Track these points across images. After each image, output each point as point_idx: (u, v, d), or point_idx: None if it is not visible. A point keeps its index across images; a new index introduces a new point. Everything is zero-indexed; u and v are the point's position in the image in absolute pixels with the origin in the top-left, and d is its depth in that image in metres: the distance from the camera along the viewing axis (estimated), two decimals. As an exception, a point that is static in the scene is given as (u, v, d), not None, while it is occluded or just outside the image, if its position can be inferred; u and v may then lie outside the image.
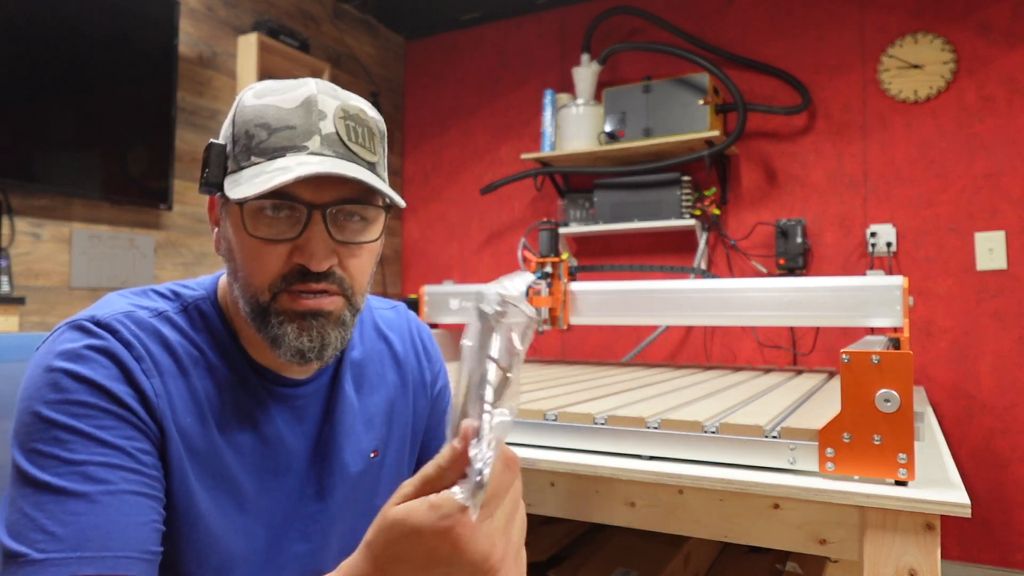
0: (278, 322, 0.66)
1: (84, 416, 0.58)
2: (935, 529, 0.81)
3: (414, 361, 0.88)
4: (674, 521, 0.97)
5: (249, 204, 0.64)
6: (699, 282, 1.94)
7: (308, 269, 0.65)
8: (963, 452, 2.53)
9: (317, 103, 0.66)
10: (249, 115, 0.66)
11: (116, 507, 0.57)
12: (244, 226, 0.65)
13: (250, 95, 0.68)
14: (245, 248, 0.66)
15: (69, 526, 0.55)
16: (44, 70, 2.14)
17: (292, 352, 0.67)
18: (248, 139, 0.65)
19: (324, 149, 0.65)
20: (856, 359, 0.86)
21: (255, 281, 0.66)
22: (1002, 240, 2.51)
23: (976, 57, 2.59)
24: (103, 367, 0.61)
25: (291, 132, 0.65)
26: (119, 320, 0.64)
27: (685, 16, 3.09)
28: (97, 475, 0.57)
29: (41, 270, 2.20)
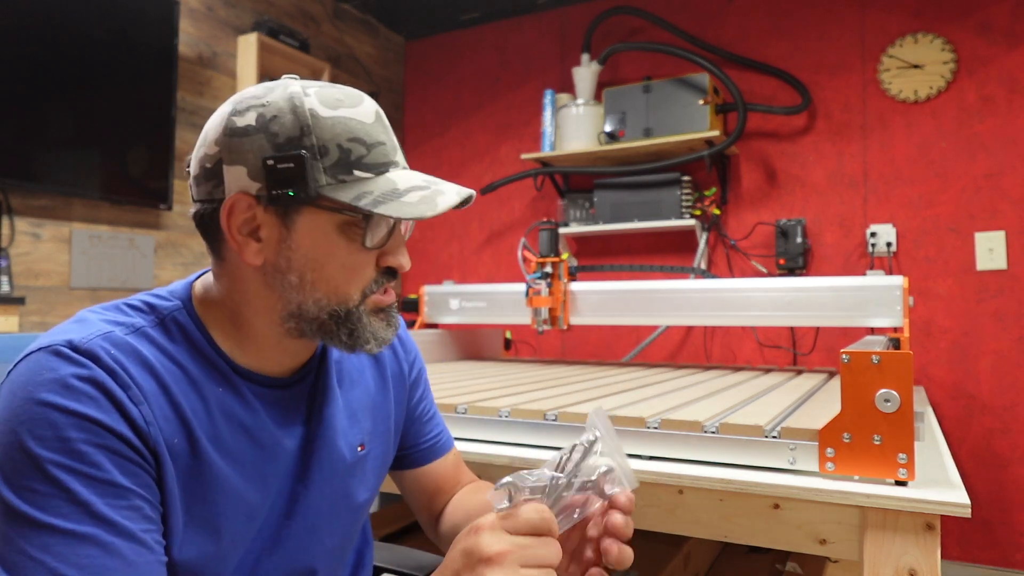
0: (368, 321, 0.71)
1: (79, 455, 0.56)
2: (935, 529, 0.81)
3: (390, 354, 0.91)
4: (674, 521, 0.97)
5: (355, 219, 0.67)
6: (699, 282, 1.93)
7: (394, 270, 0.72)
8: (963, 452, 2.53)
9: (383, 117, 0.71)
10: (335, 128, 0.65)
11: (128, 547, 0.56)
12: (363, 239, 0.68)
13: (319, 104, 0.66)
14: (343, 257, 0.68)
15: (84, 569, 0.54)
16: (44, 70, 2.14)
17: (378, 343, 0.72)
18: (344, 153, 0.65)
19: (403, 162, 0.72)
20: (856, 359, 0.86)
21: (349, 288, 0.69)
22: (1002, 240, 2.51)
23: (976, 57, 2.59)
24: (92, 399, 0.59)
25: (383, 148, 0.68)
26: (99, 345, 0.62)
27: (685, 16, 3.09)
28: (104, 515, 0.56)
29: (41, 270, 2.20)
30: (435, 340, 2.21)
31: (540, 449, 1.09)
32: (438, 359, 2.20)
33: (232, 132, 0.66)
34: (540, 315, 2.03)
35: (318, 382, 0.79)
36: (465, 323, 2.31)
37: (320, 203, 0.65)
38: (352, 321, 0.69)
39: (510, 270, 3.41)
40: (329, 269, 0.68)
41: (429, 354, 2.15)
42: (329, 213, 0.66)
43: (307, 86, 0.68)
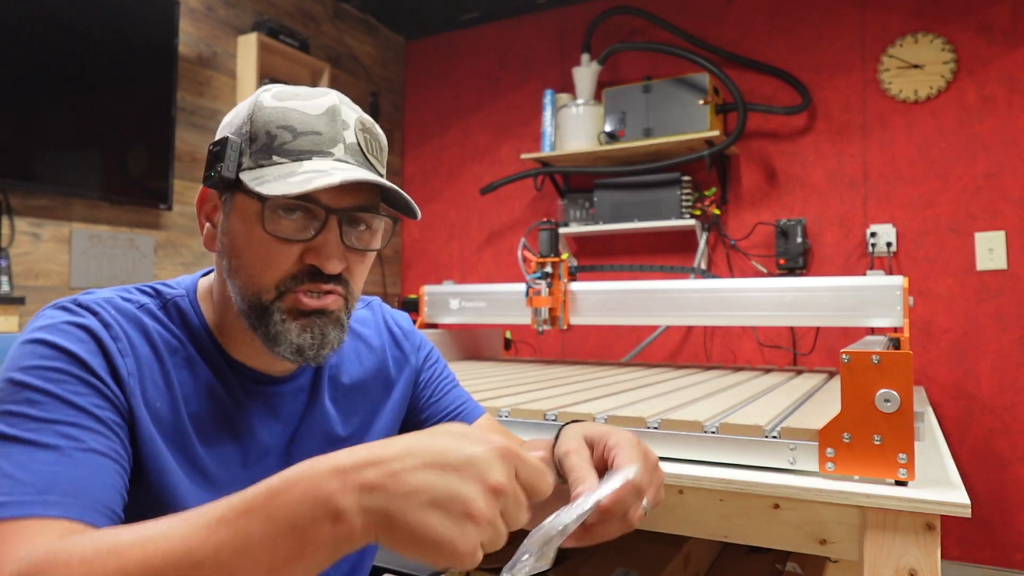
0: (280, 319, 0.67)
1: (57, 381, 0.59)
2: (935, 529, 0.81)
3: (395, 350, 0.89)
4: (674, 521, 0.97)
5: (272, 202, 0.65)
6: (699, 282, 1.93)
7: (319, 270, 0.67)
8: (963, 452, 2.53)
9: (340, 113, 0.69)
10: (271, 116, 0.67)
11: (87, 464, 0.56)
12: (263, 223, 0.66)
13: (269, 97, 0.69)
14: (257, 245, 0.67)
15: (37, 474, 0.54)
16: (44, 70, 2.14)
17: (292, 349, 0.68)
18: (270, 139, 0.66)
19: (347, 157, 0.68)
20: (856, 359, 0.86)
21: (263, 279, 0.67)
22: (1002, 240, 2.51)
23: (976, 57, 2.59)
24: (80, 340, 0.62)
25: (317, 138, 0.67)
26: (100, 304, 0.66)
27: (685, 16, 3.08)
28: (68, 433, 0.57)
29: (41, 270, 2.20)
30: (435, 340, 2.20)
31: (540, 449, 1.09)
32: (438, 359, 2.19)
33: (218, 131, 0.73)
34: (540, 315, 2.03)
35: (313, 388, 0.79)
36: (465, 323, 2.31)
37: (241, 186, 0.67)
38: (267, 317, 0.67)
39: (510, 270, 3.41)
40: (247, 256, 0.68)
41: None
42: (250, 198, 0.66)
43: (280, 86, 0.70)
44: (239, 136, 0.68)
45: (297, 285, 0.67)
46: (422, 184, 3.73)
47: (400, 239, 3.77)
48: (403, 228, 3.77)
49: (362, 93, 3.52)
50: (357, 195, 0.68)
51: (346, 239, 0.68)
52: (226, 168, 0.66)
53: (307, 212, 0.66)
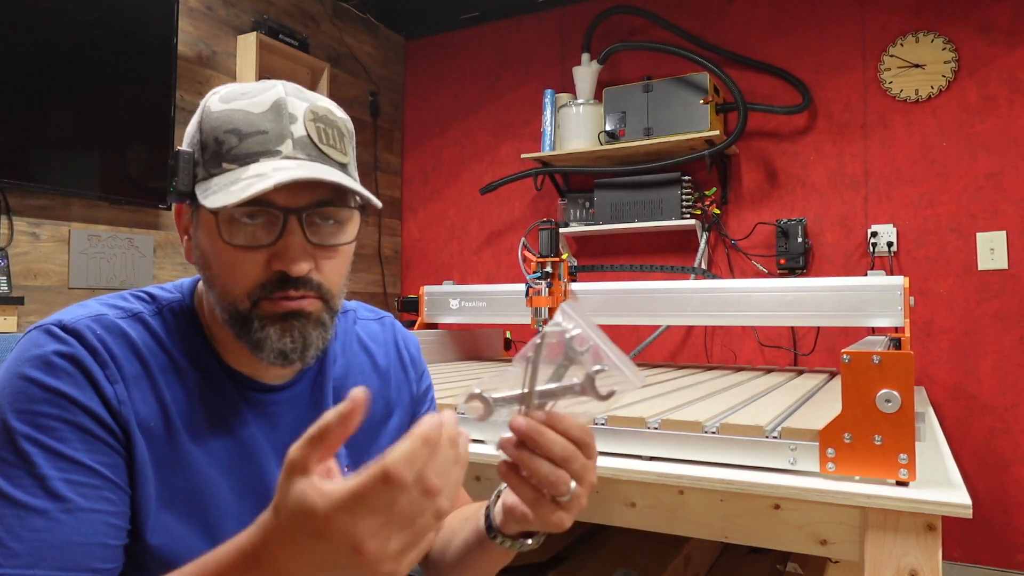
0: (260, 326, 0.66)
1: (48, 429, 0.59)
2: (936, 530, 0.80)
3: (399, 373, 0.88)
4: (674, 521, 0.96)
5: (224, 212, 0.63)
6: (699, 282, 1.93)
7: (288, 275, 0.65)
8: (964, 452, 2.52)
9: (287, 106, 0.66)
10: (217, 121, 0.65)
11: (77, 527, 0.58)
12: (220, 235, 0.64)
13: (216, 100, 0.67)
14: (221, 257, 0.66)
15: (27, 542, 0.56)
16: (43, 69, 2.13)
17: (275, 354, 0.67)
18: (218, 145, 0.65)
19: (297, 153, 0.65)
20: (857, 359, 0.86)
21: (234, 289, 0.66)
22: (1003, 240, 2.51)
23: (977, 56, 2.58)
24: (69, 376, 0.61)
25: (263, 137, 0.64)
26: (85, 324, 0.64)
27: (685, 15, 3.08)
28: (59, 492, 0.58)
29: (40, 270, 2.20)
30: (435, 340, 2.20)
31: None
32: (438, 359, 2.19)
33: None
34: (540, 315, 2.02)
35: (312, 395, 0.78)
36: (465, 323, 2.30)
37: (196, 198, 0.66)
38: (247, 326, 0.66)
39: (510, 270, 3.40)
40: (215, 267, 0.67)
41: (429, 354, 2.15)
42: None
43: (227, 86, 0.69)
44: (192, 146, 0.67)
45: (268, 293, 0.65)
46: (422, 184, 3.73)
47: (400, 239, 3.76)
48: (403, 228, 3.77)
49: (362, 93, 3.52)
50: (316, 191, 0.65)
51: (312, 237, 0.66)
52: (181, 182, 0.65)
53: (268, 216, 0.64)
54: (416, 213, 3.73)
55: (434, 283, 2.54)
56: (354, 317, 0.88)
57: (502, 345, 2.55)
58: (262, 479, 0.72)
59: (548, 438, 0.60)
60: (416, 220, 3.73)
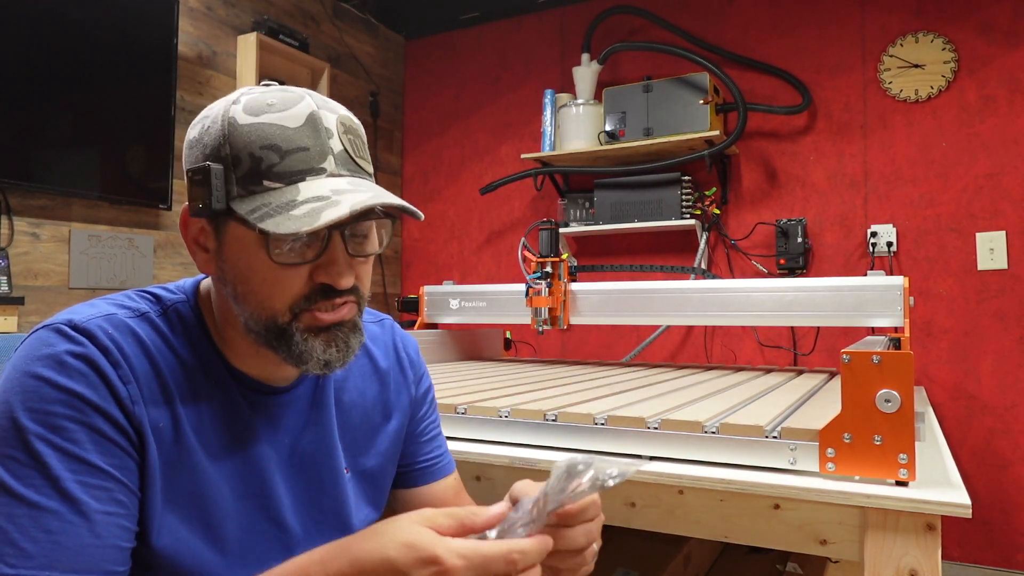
0: (303, 339, 0.66)
1: (60, 429, 0.59)
2: (936, 530, 0.81)
3: (398, 375, 0.88)
4: (674, 521, 0.96)
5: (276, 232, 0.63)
6: (699, 282, 1.93)
7: (332, 287, 0.66)
8: (964, 452, 2.52)
9: (322, 120, 0.66)
10: (250, 135, 0.64)
11: (89, 529, 0.58)
12: (268, 253, 0.64)
13: (241, 112, 0.65)
14: (263, 273, 0.65)
15: (40, 543, 0.56)
16: (43, 69, 2.14)
17: (320, 365, 0.67)
18: (255, 162, 0.63)
19: (340, 169, 0.65)
20: (857, 359, 0.86)
21: (275, 304, 0.66)
22: (1003, 240, 2.51)
23: (977, 57, 2.59)
24: (82, 375, 0.61)
25: (305, 154, 0.64)
26: (97, 324, 0.64)
27: (685, 16, 3.08)
28: (72, 493, 0.58)
29: (40, 270, 2.20)
30: (435, 340, 2.20)
31: (540, 449, 1.08)
32: (438, 359, 2.20)
33: (187, 144, 0.69)
34: (540, 315, 2.03)
35: (314, 396, 0.78)
36: (465, 323, 2.31)
37: (235, 216, 0.64)
38: (287, 338, 0.66)
39: (510, 270, 3.41)
40: (254, 283, 0.66)
41: (429, 354, 2.15)
42: (246, 226, 0.64)
43: (245, 92, 0.67)
44: (219, 160, 0.65)
45: (311, 305, 0.66)
46: (422, 184, 3.73)
47: (400, 239, 3.76)
48: (403, 228, 3.77)
49: (362, 93, 3.52)
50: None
51: (350, 249, 0.67)
52: (216, 200, 0.64)
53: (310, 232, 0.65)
54: (416, 213, 3.72)
55: (434, 283, 2.55)
56: None
57: (502, 345, 2.55)
58: (261, 480, 0.72)
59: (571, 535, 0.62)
60: (416, 220, 3.72)
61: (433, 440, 0.93)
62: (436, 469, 0.92)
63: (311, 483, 0.76)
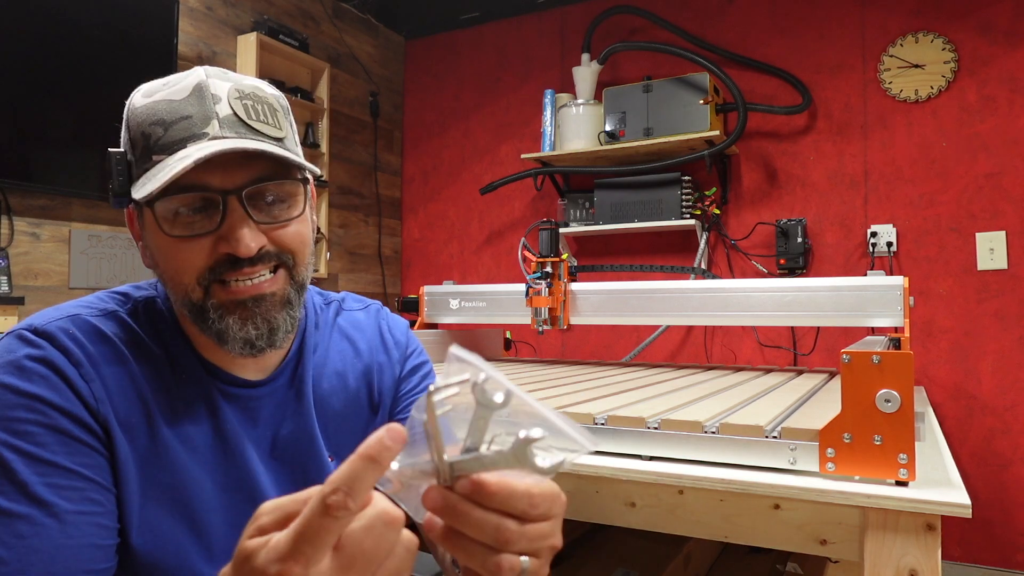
0: (218, 316, 0.65)
1: (25, 434, 0.58)
2: (936, 529, 0.80)
3: (383, 356, 0.85)
4: (674, 521, 0.96)
5: (163, 206, 0.63)
6: (699, 282, 1.93)
7: (236, 256, 0.64)
8: (964, 452, 2.52)
9: (209, 87, 0.65)
10: (142, 116, 0.65)
11: (59, 529, 0.57)
12: (160, 227, 0.63)
13: (139, 96, 0.66)
14: (166, 250, 0.65)
15: (13, 549, 0.55)
16: (43, 69, 2.13)
17: (240, 344, 0.66)
18: (145, 140, 0.64)
19: (225, 132, 0.63)
20: (856, 359, 0.86)
21: (183, 279, 0.65)
22: (1003, 240, 2.51)
23: (977, 57, 2.58)
24: (43, 378, 0.61)
25: (187, 122, 0.63)
26: (57, 326, 0.64)
27: (685, 16, 3.08)
28: (41, 497, 0.57)
29: (40, 270, 2.20)
30: (435, 340, 2.20)
31: (540, 449, 1.08)
32: (438, 359, 2.19)
33: None
34: (540, 315, 2.03)
35: (293, 387, 0.77)
36: (465, 323, 2.31)
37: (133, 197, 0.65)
38: (204, 317, 0.65)
39: (510, 270, 3.41)
40: (163, 262, 0.66)
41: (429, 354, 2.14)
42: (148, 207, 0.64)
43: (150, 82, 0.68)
44: (123, 146, 0.66)
45: (217, 276, 0.64)
46: (422, 184, 3.73)
47: (400, 239, 3.76)
48: (403, 228, 3.77)
49: (362, 93, 3.52)
50: (251, 168, 0.64)
51: (257, 216, 0.64)
52: (117, 185, 0.64)
53: (207, 202, 0.63)
54: (416, 213, 3.73)
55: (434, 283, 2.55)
56: (338, 308, 0.86)
57: (502, 345, 2.55)
58: (245, 474, 0.71)
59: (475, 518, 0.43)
60: (416, 220, 3.73)
61: None
62: None
63: (295, 473, 0.75)
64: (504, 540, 0.43)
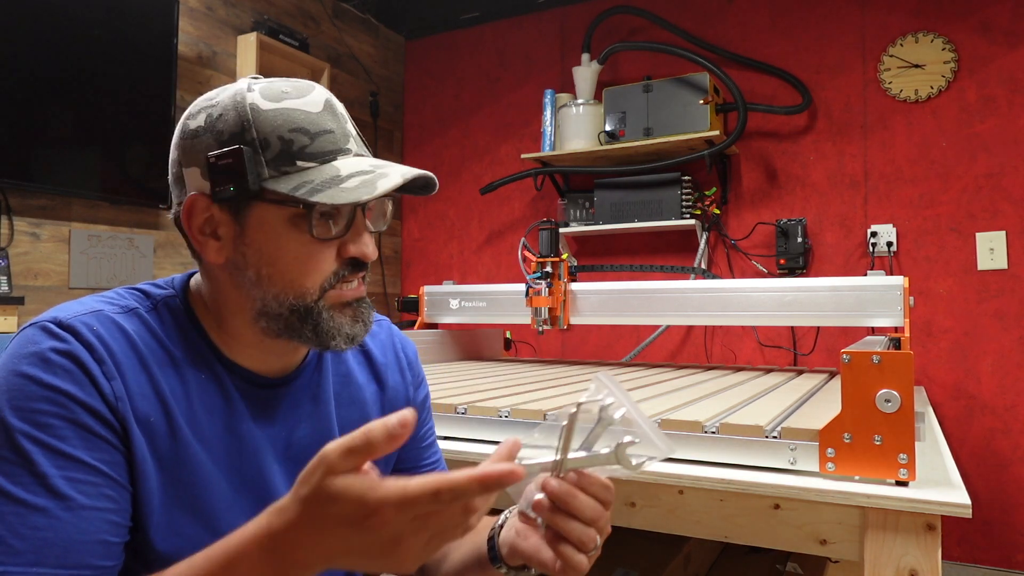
0: (329, 316, 0.69)
1: (46, 427, 0.59)
2: (936, 529, 0.81)
3: (397, 376, 0.88)
4: (674, 521, 0.96)
5: (317, 208, 0.66)
6: (699, 282, 1.93)
7: (359, 261, 0.70)
8: (964, 452, 2.52)
9: (336, 106, 0.70)
10: (276, 119, 0.66)
11: (77, 524, 0.58)
12: (310, 229, 0.66)
13: (260, 98, 0.67)
14: (296, 250, 0.67)
15: (28, 540, 0.56)
16: (43, 69, 2.13)
17: (346, 340, 0.70)
18: (286, 144, 0.65)
19: (361, 149, 0.70)
20: (857, 359, 0.86)
21: (306, 282, 0.68)
22: (1003, 240, 2.51)
23: (977, 57, 2.58)
24: (67, 372, 0.61)
25: (331, 136, 0.67)
26: (82, 321, 0.64)
27: (685, 15, 3.08)
28: (59, 489, 0.58)
29: (40, 270, 2.20)
30: (435, 340, 2.20)
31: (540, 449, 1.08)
32: (438, 359, 2.19)
33: (186, 135, 0.69)
34: (540, 315, 2.03)
35: (312, 390, 0.78)
36: (465, 323, 2.31)
37: (266, 196, 0.66)
38: (314, 317, 0.68)
39: (510, 270, 3.41)
40: (283, 263, 0.67)
41: (429, 354, 2.15)
42: (277, 206, 0.66)
43: (255, 83, 0.69)
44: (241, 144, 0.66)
45: (339, 280, 0.69)
46: (422, 184, 3.72)
47: (400, 239, 3.76)
48: (403, 228, 3.77)
49: (362, 93, 3.52)
50: None
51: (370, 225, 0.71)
52: (251, 181, 0.65)
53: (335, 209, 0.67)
54: (416, 213, 3.73)
55: (434, 283, 2.55)
56: None
57: (502, 345, 2.55)
58: (259, 473, 0.72)
59: (580, 501, 0.63)
60: (416, 220, 3.73)
61: (431, 447, 0.93)
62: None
63: None
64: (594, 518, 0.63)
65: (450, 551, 0.83)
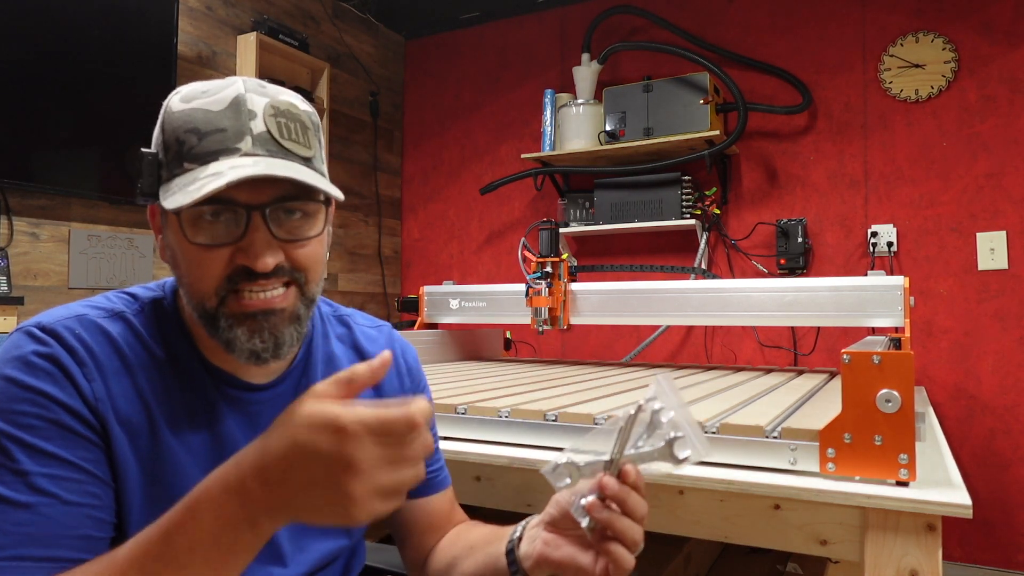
0: (227, 325, 0.66)
1: (28, 427, 0.61)
2: (936, 530, 0.80)
3: (395, 381, 0.88)
4: (674, 521, 0.96)
5: (186, 212, 0.64)
6: (699, 282, 1.93)
7: (252, 269, 0.65)
8: (964, 452, 2.52)
9: (246, 102, 0.66)
10: (178, 121, 0.65)
11: (57, 520, 0.59)
12: (184, 234, 0.65)
13: (177, 100, 0.67)
14: (187, 255, 0.66)
15: (10, 536, 0.58)
16: (43, 69, 2.13)
17: (246, 354, 0.67)
18: (179, 146, 0.65)
19: (257, 149, 0.65)
20: (857, 359, 0.86)
21: (201, 287, 0.66)
22: (1003, 240, 2.51)
23: (977, 56, 2.58)
24: (48, 375, 0.63)
25: (222, 135, 0.64)
26: (64, 325, 0.66)
27: (685, 15, 3.08)
28: (41, 487, 0.59)
29: (39, 270, 2.20)
30: (435, 340, 2.20)
31: (540, 450, 1.08)
32: (438, 359, 2.19)
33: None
34: (540, 315, 2.02)
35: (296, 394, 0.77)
36: (465, 323, 2.30)
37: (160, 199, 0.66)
38: (215, 324, 0.67)
39: (510, 270, 3.40)
40: (183, 267, 0.67)
41: (429, 354, 2.15)
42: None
43: (190, 84, 0.69)
44: (156, 147, 0.67)
45: (234, 286, 0.66)
46: (422, 184, 3.72)
47: (400, 239, 3.76)
48: (403, 228, 3.77)
49: (362, 93, 3.51)
50: (278, 186, 0.65)
51: (278, 232, 0.66)
52: (146, 184, 0.66)
53: (231, 213, 0.65)
54: (416, 213, 3.73)
55: (434, 283, 2.54)
56: (348, 321, 0.88)
57: (502, 345, 2.55)
58: None
59: (635, 499, 0.65)
60: (416, 220, 3.73)
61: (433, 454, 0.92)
62: (436, 482, 0.91)
63: None
64: (644, 515, 0.66)
65: (457, 563, 0.82)
